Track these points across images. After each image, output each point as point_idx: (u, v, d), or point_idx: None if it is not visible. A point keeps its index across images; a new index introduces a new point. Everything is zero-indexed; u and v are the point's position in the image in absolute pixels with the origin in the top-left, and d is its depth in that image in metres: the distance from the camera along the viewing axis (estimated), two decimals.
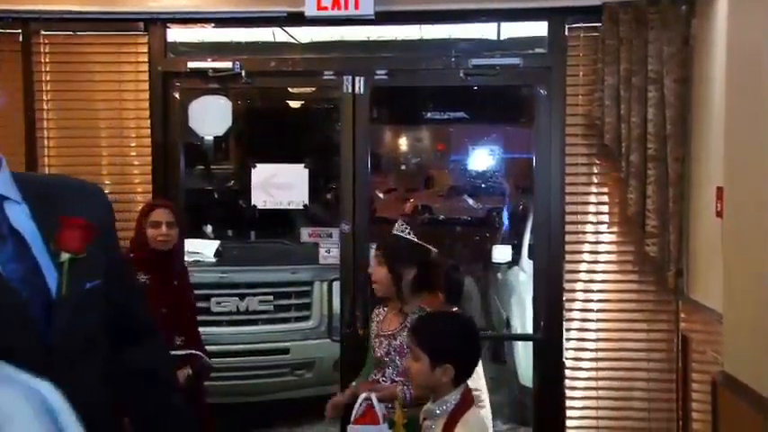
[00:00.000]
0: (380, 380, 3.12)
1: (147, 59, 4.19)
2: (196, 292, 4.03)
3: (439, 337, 2.49)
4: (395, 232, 3.23)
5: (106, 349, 1.55)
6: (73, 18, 4.15)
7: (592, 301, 4.07)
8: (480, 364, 3.78)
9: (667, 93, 3.78)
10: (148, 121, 4.19)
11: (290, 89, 6.82)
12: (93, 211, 1.52)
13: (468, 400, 2.47)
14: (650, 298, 4.02)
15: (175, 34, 4.34)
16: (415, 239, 3.22)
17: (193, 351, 3.67)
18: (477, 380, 3.82)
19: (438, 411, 2.46)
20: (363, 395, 3.01)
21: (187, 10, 4.20)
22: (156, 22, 4.20)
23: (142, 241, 3.55)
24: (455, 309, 3.85)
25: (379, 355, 3.18)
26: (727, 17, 3.19)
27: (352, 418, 3.06)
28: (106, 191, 1.73)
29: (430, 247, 3.25)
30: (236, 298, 5.71)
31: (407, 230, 3.23)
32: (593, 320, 4.07)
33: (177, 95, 4.31)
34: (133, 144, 4.19)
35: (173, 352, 3.59)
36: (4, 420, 0.67)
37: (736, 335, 2.90)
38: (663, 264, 3.88)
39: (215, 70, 4.22)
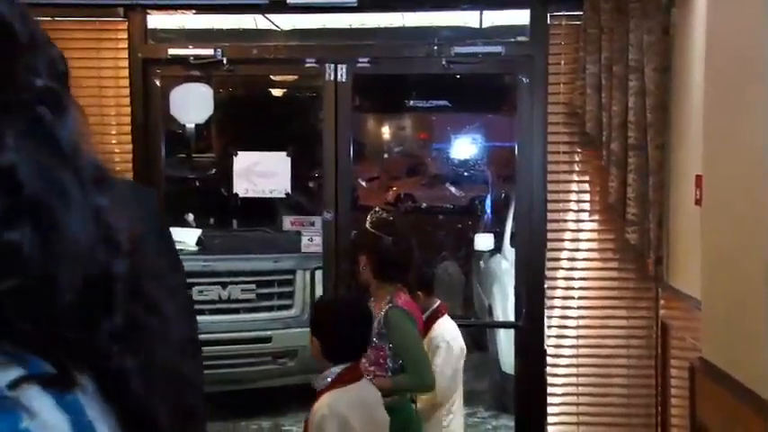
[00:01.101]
0: None
1: (126, 46, 4.15)
2: None
3: (316, 311, 2.86)
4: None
5: None
6: (51, 3, 4.10)
7: (573, 288, 4.10)
8: (459, 374, 3.75)
9: (648, 81, 3.80)
10: (128, 109, 4.16)
11: (272, 77, 6.80)
12: (137, 213, 1.56)
13: (342, 380, 2.57)
14: (630, 285, 4.05)
15: (156, 21, 4.31)
16: (370, 227, 3.22)
17: None
18: (455, 389, 3.81)
19: (317, 386, 2.63)
20: None
21: None
22: (136, 8, 4.16)
23: None
24: (438, 300, 3.85)
25: None
26: (706, 6, 3.20)
27: None
28: None
29: (383, 236, 3.23)
30: (219, 286, 5.70)
31: (372, 217, 3.24)
32: (574, 308, 4.10)
33: (158, 83, 4.28)
34: (113, 132, 4.16)
35: None
36: None
37: (714, 322, 2.93)
38: (643, 251, 3.91)
39: (196, 57, 4.19)
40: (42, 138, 0.58)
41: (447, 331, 3.80)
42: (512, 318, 4.75)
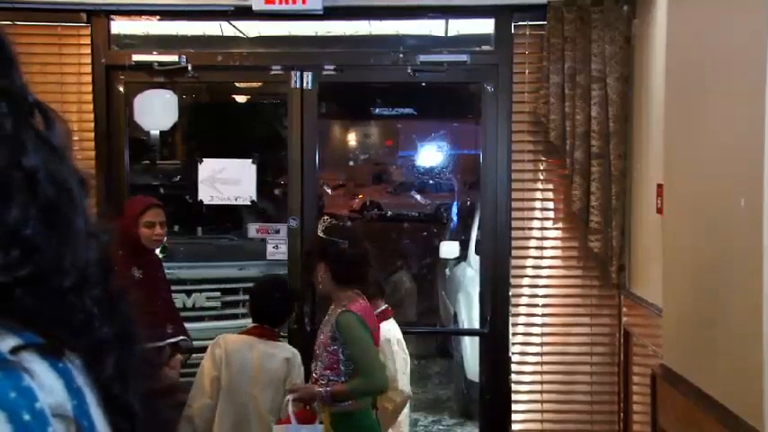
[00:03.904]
0: (314, 373, 3.19)
1: (90, 52, 4.10)
2: None
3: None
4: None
5: None
6: (12, 7, 4.04)
7: (537, 296, 4.13)
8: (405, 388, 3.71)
9: (610, 91, 3.85)
10: (92, 115, 4.11)
11: (237, 84, 6.75)
12: None
13: (249, 332, 3.64)
14: (594, 293, 4.10)
15: (120, 26, 4.27)
16: (323, 234, 3.26)
17: (183, 337, 3.80)
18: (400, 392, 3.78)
19: None
20: (288, 397, 3.14)
21: (132, 1, 4.13)
22: (99, 14, 4.12)
23: (133, 238, 3.57)
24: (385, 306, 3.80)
25: (314, 348, 3.27)
26: (666, 17, 3.26)
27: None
28: None
29: (338, 240, 3.26)
30: (183, 294, 5.63)
31: (323, 225, 3.29)
32: (538, 315, 4.13)
33: (121, 89, 4.23)
34: (75, 138, 4.09)
35: (167, 341, 3.65)
36: None
37: (674, 329, 2.97)
38: (606, 259, 3.96)
39: (160, 64, 4.16)
40: (46, 145, 0.69)
41: (395, 332, 3.75)
42: (477, 325, 4.77)
